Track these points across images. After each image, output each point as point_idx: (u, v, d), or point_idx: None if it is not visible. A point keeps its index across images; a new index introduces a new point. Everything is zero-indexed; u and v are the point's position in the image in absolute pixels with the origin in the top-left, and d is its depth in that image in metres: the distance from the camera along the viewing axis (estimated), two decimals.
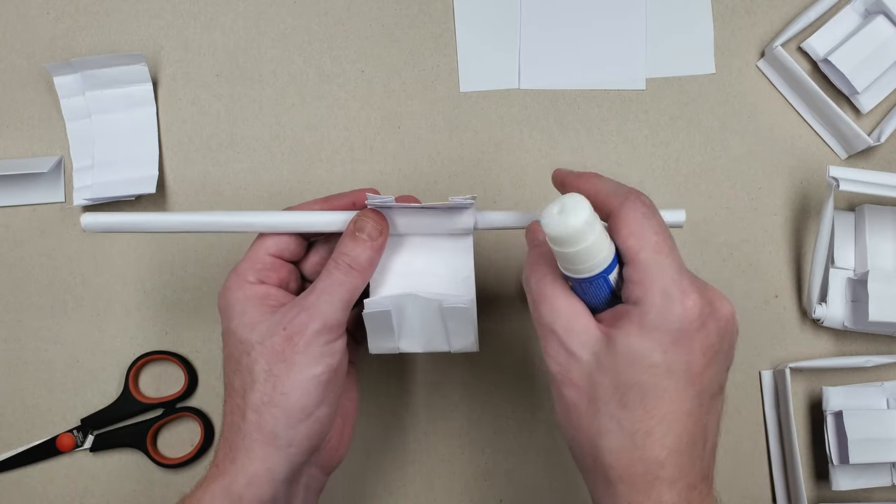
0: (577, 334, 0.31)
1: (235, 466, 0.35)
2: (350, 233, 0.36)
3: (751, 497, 0.49)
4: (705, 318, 0.30)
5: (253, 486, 0.35)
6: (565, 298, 0.32)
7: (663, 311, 0.30)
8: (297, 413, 0.35)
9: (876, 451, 0.45)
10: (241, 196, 0.49)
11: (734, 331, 0.32)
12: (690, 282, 0.30)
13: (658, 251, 0.30)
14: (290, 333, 0.35)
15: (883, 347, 0.50)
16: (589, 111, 0.51)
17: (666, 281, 0.30)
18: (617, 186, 0.33)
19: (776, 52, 0.50)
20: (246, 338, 0.36)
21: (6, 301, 0.49)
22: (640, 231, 0.31)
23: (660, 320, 0.30)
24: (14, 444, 0.48)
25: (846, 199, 0.51)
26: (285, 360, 0.35)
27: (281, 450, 0.35)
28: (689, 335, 0.30)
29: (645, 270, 0.30)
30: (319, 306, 0.35)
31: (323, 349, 0.35)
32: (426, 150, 0.50)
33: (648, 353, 0.30)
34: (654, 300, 0.30)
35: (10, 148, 0.50)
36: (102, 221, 0.38)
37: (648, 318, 0.30)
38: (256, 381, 0.35)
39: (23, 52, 0.50)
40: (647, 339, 0.30)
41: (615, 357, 0.30)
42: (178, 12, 0.51)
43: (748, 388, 0.49)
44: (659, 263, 0.30)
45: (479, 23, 0.51)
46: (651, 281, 0.30)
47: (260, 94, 0.50)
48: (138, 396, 0.48)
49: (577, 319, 0.32)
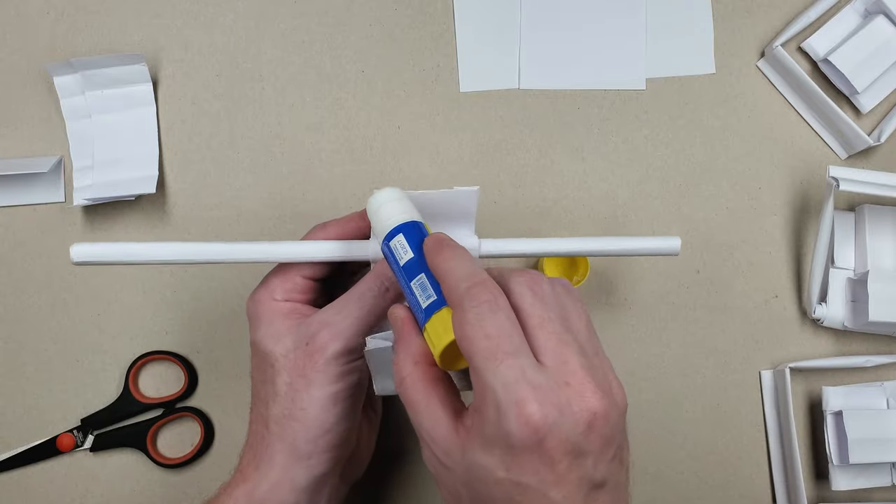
0: (440, 444, 0.30)
1: (258, 473, 0.35)
2: None
3: (751, 497, 0.49)
4: (552, 425, 0.27)
5: (275, 493, 0.35)
6: (428, 404, 0.30)
7: (497, 426, 0.27)
8: (315, 429, 0.35)
9: (876, 451, 0.45)
10: (241, 196, 0.49)
11: (608, 421, 0.29)
12: (531, 389, 0.27)
13: (489, 357, 0.28)
14: (311, 350, 0.35)
15: (883, 347, 0.50)
16: (589, 111, 0.51)
17: (498, 392, 0.27)
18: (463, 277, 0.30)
19: (776, 52, 0.50)
20: (270, 350, 0.36)
21: (6, 301, 0.49)
22: (472, 335, 0.28)
23: (496, 435, 0.28)
24: (14, 444, 0.48)
25: (846, 199, 0.51)
26: (305, 376, 0.35)
27: (302, 461, 0.35)
28: (531, 448, 0.27)
29: (478, 379, 0.28)
30: (344, 327, 0.35)
31: (343, 368, 0.35)
32: (426, 150, 0.50)
33: (493, 469, 0.28)
34: (488, 414, 0.28)
35: (10, 148, 0.50)
36: (94, 252, 0.35)
37: (485, 432, 0.28)
38: (278, 394, 0.35)
39: (23, 52, 0.50)
40: (487, 455, 0.28)
41: (468, 471, 0.29)
42: (178, 12, 0.51)
43: (748, 388, 0.49)
44: (490, 372, 0.28)
45: (479, 23, 0.51)
46: (483, 392, 0.28)
47: (260, 94, 0.50)
48: (138, 396, 0.48)
49: (438, 429, 0.30)
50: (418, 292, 0.32)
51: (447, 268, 0.31)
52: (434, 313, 0.31)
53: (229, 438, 0.48)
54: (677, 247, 0.37)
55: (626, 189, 0.50)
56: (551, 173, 0.50)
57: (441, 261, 0.31)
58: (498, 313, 0.29)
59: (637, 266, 0.50)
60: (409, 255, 0.32)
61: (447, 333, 0.30)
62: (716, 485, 0.49)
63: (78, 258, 0.35)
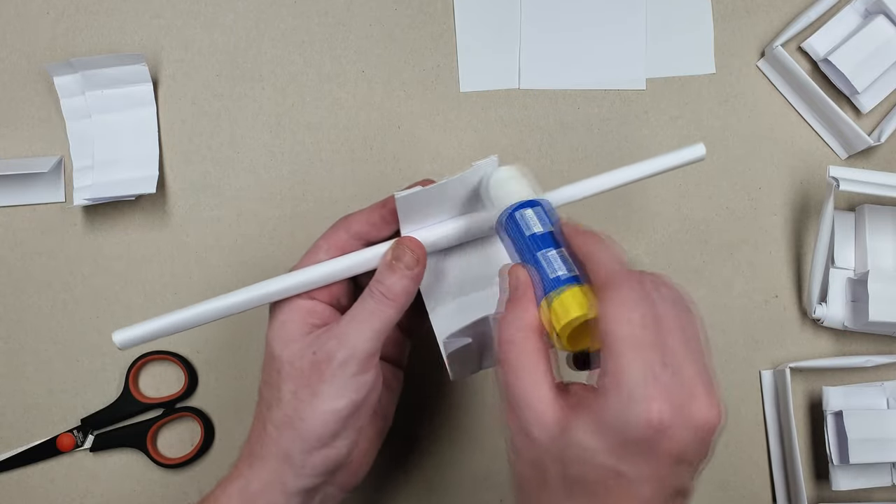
0: (536, 413, 0.30)
1: (252, 471, 0.35)
2: (387, 262, 0.35)
3: (751, 497, 0.49)
4: (670, 427, 0.27)
5: (266, 493, 0.35)
6: (532, 371, 0.30)
7: (622, 414, 0.28)
8: (312, 441, 0.34)
9: (876, 451, 0.46)
10: (241, 196, 0.49)
11: (711, 437, 0.29)
12: (664, 387, 0.28)
13: (636, 346, 0.28)
14: (317, 360, 0.34)
15: (883, 347, 0.50)
16: (589, 111, 0.51)
17: (635, 381, 0.28)
18: (616, 260, 0.31)
19: (776, 52, 0.50)
20: (278, 354, 0.35)
21: (6, 301, 0.49)
22: (623, 318, 0.29)
23: (616, 422, 0.28)
24: (14, 444, 0.48)
25: (846, 199, 0.51)
26: (310, 387, 0.34)
27: (295, 469, 0.35)
28: (646, 444, 0.28)
29: (616, 363, 0.28)
30: (349, 335, 0.34)
31: (348, 381, 0.34)
32: (426, 150, 0.50)
33: (599, 454, 0.28)
34: (616, 399, 0.28)
35: (10, 148, 0.50)
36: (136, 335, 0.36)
37: (606, 416, 0.28)
38: (282, 400, 0.35)
39: (23, 52, 0.50)
40: (599, 439, 0.28)
41: (567, 448, 0.29)
42: (178, 12, 0.51)
43: (748, 388, 0.49)
44: (633, 360, 0.28)
45: (479, 23, 0.51)
46: (619, 377, 0.28)
47: (260, 94, 0.50)
48: (138, 396, 0.48)
49: (539, 398, 0.30)
50: (548, 264, 0.31)
51: (596, 249, 0.31)
52: (569, 287, 0.31)
53: (229, 438, 0.48)
54: (702, 152, 0.39)
55: (626, 189, 0.50)
56: (551, 173, 0.50)
57: (590, 242, 0.32)
58: (652, 305, 0.29)
59: (636, 266, 0.49)
60: (539, 228, 0.32)
61: (581, 309, 0.30)
62: (716, 485, 0.49)
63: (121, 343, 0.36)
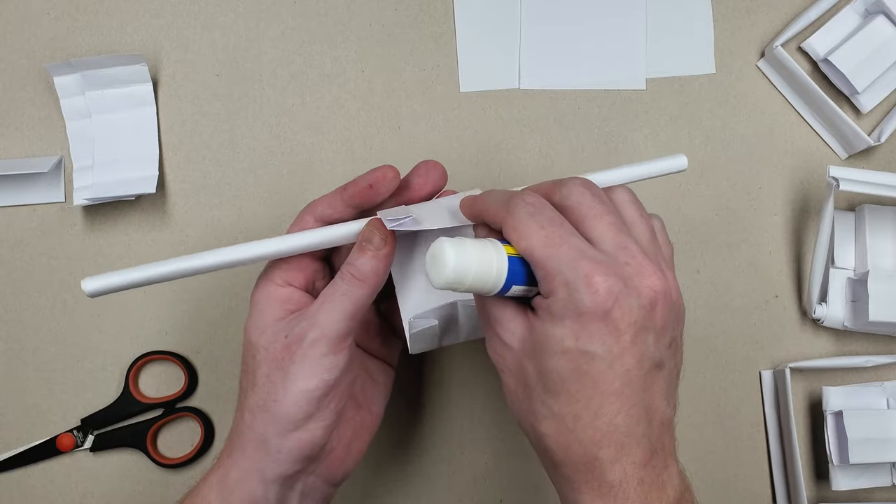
0: (508, 326, 0.33)
1: (231, 460, 0.36)
2: (358, 243, 0.36)
3: (751, 497, 0.49)
4: (618, 295, 0.30)
5: (243, 483, 0.35)
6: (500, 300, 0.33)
7: (568, 300, 0.30)
8: (285, 423, 0.35)
9: (876, 451, 0.46)
10: (241, 196, 0.49)
11: (668, 303, 0.31)
12: (595, 263, 0.30)
13: (548, 244, 0.30)
14: (289, 342, 0.35)
15: (883, 347, 0.50)
16: (589, 111, 0.51)
17: (564, 271, 0.30)
18: (500, 196, 0.33)
19: (776, 52, 0.50)
20: (254, 340, 0.36)
21: (6, 301, 0.49)
22: (526, 231, 0.31)
23: (567, 308, 0.30)
24: (14, 444, 0.48)
25: (846, 199, 0.51)
26: (282, 369, 0.35)
27: (270, 455, 0.35)
28: (600, 317, 0.30)
29: (543, 267, 0.31)
30: (319, 316, 0.35)
31: (320, 361, 0.35)
32: (426, 150, 0.50)
33: (561, 339, 0.30)
34: (558, 294, 0.30)
35: (10, 148, 0.50)
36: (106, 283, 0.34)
37: (556, 308, 0.30)
38: (256, 385, 0.35)
39: (23, 52, 0.50)
40: (558, 326, 0.30)
41: (535, 344, 0.31)
42: (178, 12, 0.51)
43: (748, 388, 0.49)
44: (552, 256, 0.30)
45: (479, 23, 0.51)
46: (550, 275, 0.30)
47: (260, 94, 0.50)
48: (138, 396, 0.48)
49: (508, 314, 0.33)
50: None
51: (485, 199, 0.34)
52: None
53: None
54: (684, 163, 0.39)
55: None
56: (551, 173, 0.50)
57: (479, 202, 0.34)
58: (545, 210, 0.32)
59: None
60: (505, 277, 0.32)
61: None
62: (716, 485, 0.49)
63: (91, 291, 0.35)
